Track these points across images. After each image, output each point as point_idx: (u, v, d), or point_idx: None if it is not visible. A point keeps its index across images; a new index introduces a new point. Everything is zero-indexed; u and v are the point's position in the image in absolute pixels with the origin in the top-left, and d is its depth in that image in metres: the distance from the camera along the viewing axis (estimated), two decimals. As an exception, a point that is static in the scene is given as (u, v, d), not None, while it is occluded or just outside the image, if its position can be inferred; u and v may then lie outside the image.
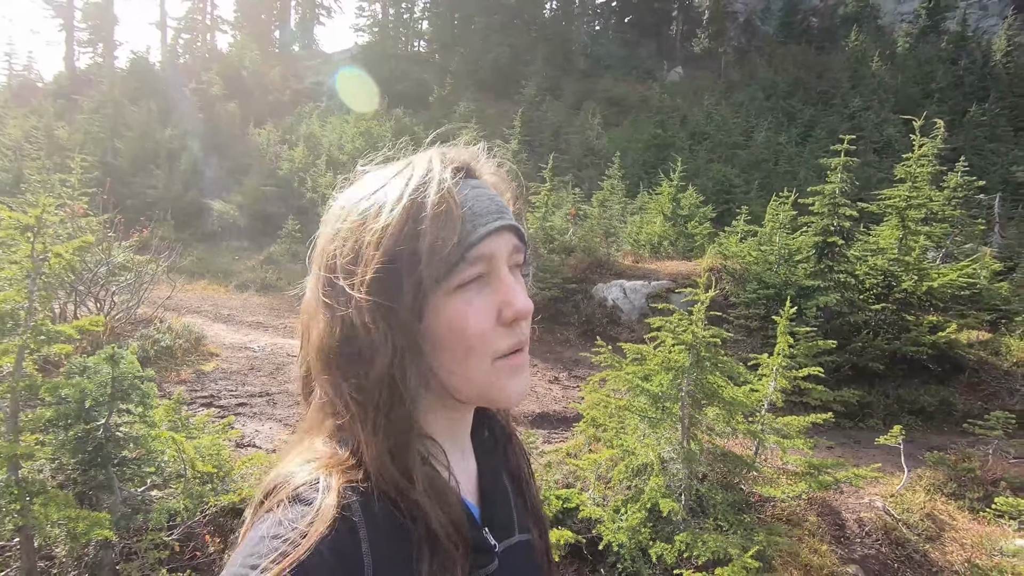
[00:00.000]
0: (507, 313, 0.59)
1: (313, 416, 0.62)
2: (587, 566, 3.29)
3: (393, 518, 0.56)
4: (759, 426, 3.91)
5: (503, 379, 0.61)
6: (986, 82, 24.20)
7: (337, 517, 0.51)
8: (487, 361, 0.59)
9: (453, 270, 0.56)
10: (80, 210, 6.15)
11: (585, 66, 31.30)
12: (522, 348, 0.62)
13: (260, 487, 0.58)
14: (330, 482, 0.54)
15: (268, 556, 0.48)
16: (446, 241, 0.55)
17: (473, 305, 0.58)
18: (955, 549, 3.73)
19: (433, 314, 0.57)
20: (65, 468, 2.44)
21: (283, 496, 0.54)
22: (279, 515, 0.52)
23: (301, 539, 0.49)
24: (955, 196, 9.08)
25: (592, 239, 10.24)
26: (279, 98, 24.15)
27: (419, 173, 0.58)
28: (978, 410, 5.72)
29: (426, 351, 0.58)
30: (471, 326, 0.57)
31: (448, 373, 0.59)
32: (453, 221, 0.56)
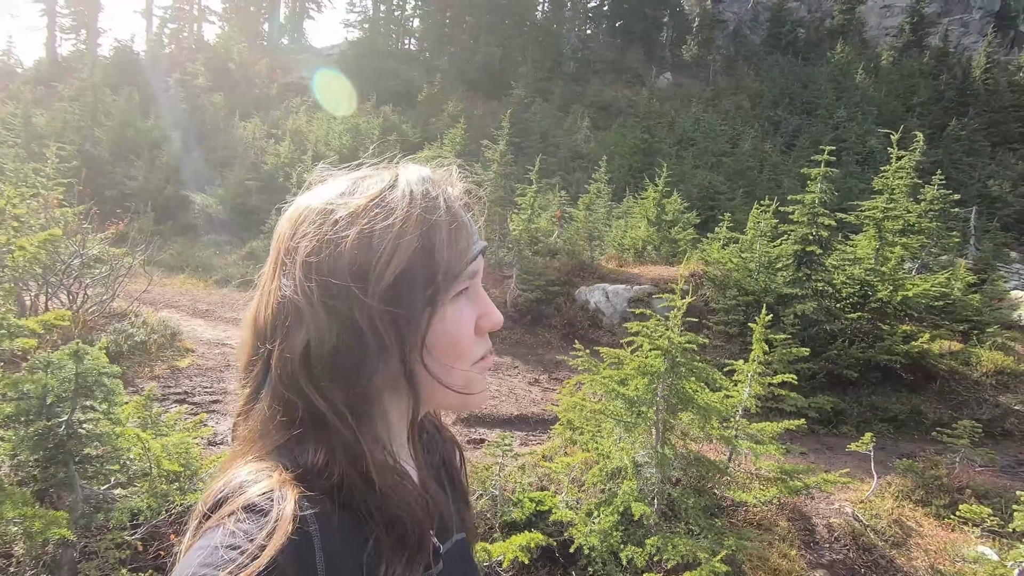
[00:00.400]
0: (484, 324, 0.64)
1: (259, 425, 0.60)
2: (558, 569, 3.29)
3: (349, 528, 0.56)
4: (733, 431, 3.95)
5: (479, 384, 0.65)
6: (965, 97, 24.78)
7: (294, 531, 0.51)
8: (468, 366, 0.63)
9: (457, 281, 0.61)
10: (54, 201, 6.02)
11: (575, 69, 31.39)
12: (491, 355, 0.67)
13: (204, 497, 0.57)
14: (285, 492, 0.53)
15: (225, 567, 0.47)
16: (459, 254, 0.60)
17: (464, 315, 0.62)
18: (920, 555, 3.80)
19: (437, 322, 0.60)
20: (25, 465, 2.38)
21: (236, 507, 0.53)
22: (232, 526, 0.51)
23: (260, 551, 0.48)
24: (932, 208, 9.25)
25: (577, 242, 10.28)
26: (266, 92, 23.88)
27: (418, 188, 0.60)
28: (948, 418, 5.85)
29: (425, 358, 0.60)
30: (462, 333, 0.62)
31: (440, 380, 0.61)
32: (464, 235, 0.61)
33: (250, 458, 0.59)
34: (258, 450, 0.59)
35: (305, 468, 0.56)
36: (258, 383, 0.61)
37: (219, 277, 11.25)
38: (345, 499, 0.57)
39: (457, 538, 0.73)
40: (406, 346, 0.58)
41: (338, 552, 0.54)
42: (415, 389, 0.60)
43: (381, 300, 0.56)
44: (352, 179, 0.62)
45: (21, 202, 4.17)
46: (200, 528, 0.54)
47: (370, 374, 0.57)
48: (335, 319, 0.56)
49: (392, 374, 0.59)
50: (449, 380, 0.62)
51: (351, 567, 0.55)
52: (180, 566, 0.50)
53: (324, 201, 0.60)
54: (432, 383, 0.61)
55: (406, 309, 0.57)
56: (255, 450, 0.59)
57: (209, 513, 0.55)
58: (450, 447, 0.82)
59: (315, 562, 0.52)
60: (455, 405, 0.67)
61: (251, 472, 0.56)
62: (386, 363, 0.58)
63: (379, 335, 0.56)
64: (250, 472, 0.56)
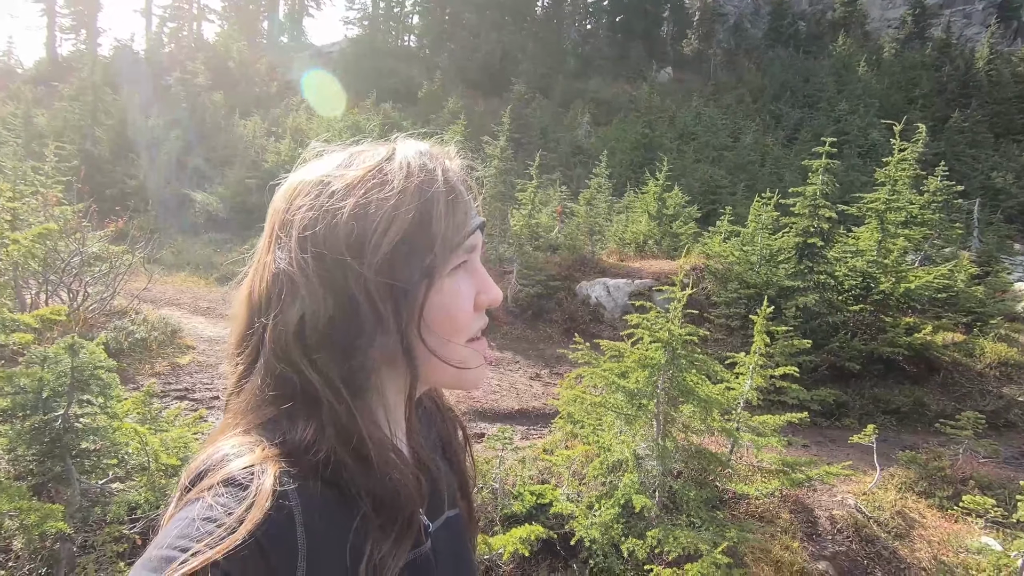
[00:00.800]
0: (482, 299, 0.63)
1: (250, 400, 0.59)
2: (559, 562, 3.28)
3: (334, 505, 0.55)
4: (735, 424, 3.93)
5: (474, 361, 0.64)
6: (968, 89, 24.64)
7: (274, 505, 0.50)
8: (463, 342, 0.62)
9: (455, 253, 0.60)
10: (54, 199, 6.01)
11: (575, 65, 31.30)
12: (485, 335, 0.66)
13: (187, 471, 0.56)
14: (265, 467, 0.53)
15: (201, 540, 0.47)
16: (459, 227, 0.59)
17: (461, 290, 0.61)
18: (923, 546, 3.78)
19: (435, 294, 0.59)
20: (22, 459, 2.37)
21: (216, 480, 0.52)
22: (211, 499, 0.50)
23: (237, 524, 0.48)
24: (935, 200, 9.20)
25: (577, 237, 10.25)
26: (266, 90, 23.87)
27: (415, 161, 0.59)
28: (951, 410, 5.82)
29: (423, 330, 0.59)
30: (460, 307, 0.61)
31: (436, 353, 0.60)
32: (463, 208, 0.60)
33: (235, 432, 0.58)
34: (245, 424, 0.58)
35: (291, 444, 0.55)
36: (251, 358, 0.60)
37: (220, 275, 11.25)
38: (332, 476, 0.55)
39: (449, 515, 0.72)
40: (403, 319, 0.57)
41: (321, 529, 0.53)
42: (413, 363, 0.59)
43: (377, 272, 0.55)
44: (349, 153, 0.62)
45: (19, 199, 4.18)
46: (181, 501, 0.53)
47: (366, 347, 0.56)
48: (331, 291, 0.55)
49: (389, 348, 0.58)
50: (446, 354, 0.60)
51: (335, 545, 0.54)
52: (158, 537, 0.49)
53: (320, 174, 0.59)
54: (429, 358, 0.60)
55: (403, 281, 0.56)
56: (242, 424, 0.58)
57: (190, 486, 0.54)
58: (451, 425, 0.81)
59: (295, 538, 0.51)
60: (451, 382, 0.66)
61: (234, 446, 0.55)
62: (383, 336, 0.57)
63: (375, 307, 0.56)
64: (233, 446, 0.55)
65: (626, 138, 19.82)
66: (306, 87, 21.07)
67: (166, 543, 0.48)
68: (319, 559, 0.52)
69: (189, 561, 0.45)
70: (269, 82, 24.50)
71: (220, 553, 0.46)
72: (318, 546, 0.52)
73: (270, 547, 0.49)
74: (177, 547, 0.47)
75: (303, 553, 0.51)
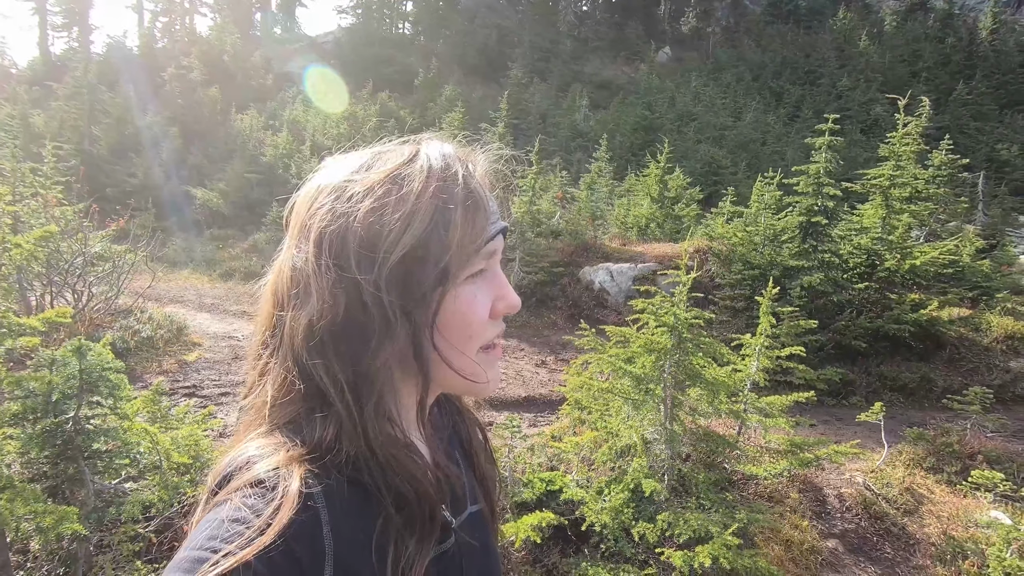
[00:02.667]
0: (500, 306, 0.62)
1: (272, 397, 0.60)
2: (571, 547, 3.31)
3: (358, 505, 0.56)
4: (742, 406, 3.93)
5: (487, 368, 0.63)
6: (972, 60, 24.27)
7: (301, 506, 0.51)
8: (475, 349, 0.62)
9: (472, 260, 0.59)
10: (54, 200, 6.01)
11: (572, 48, 30.94)
12: (500, 341, 0.65)
13: (213, 473, 0.57)
14: (291, 469, 0.53)
15: (232, 540, 0.47)
16: (474, 233, 0.58)
17: (478, 298, 0.60)
18: (932, 522, 3.79)
19: (449, 301, 0.58)
20: (35, 462, 2.39)
21: (243, 482, 0.53)
22: (239, 501, 0.51)
23: (267, 526, 0.48)
24: (939, 175, 9.11)
25: (579, 222, 10.20)
26: (262, 82, 23.69)
27: (437, 163, 0.59)
28: (958, 386, 5.81)
29: (435, 337, 0.59)
30: (475, 315, 0.60)
31: (448, 361, 0.60)
32: (482, 215, 0.59)
33: (258, 433, 0.59)
34: (268, 424, 0.59)
35: (313, 444, 0.56)
36: (272, 355, 0.61)
37: (223, 271, 11.28)
38: (354, 476, 0.56)
39: (471, 510, 0.72)
40: (415, 326, 0.57)
41: (346, 529, 0.54)
42: (425, 368, 0.59)
43: (389, 276, 0.55)
44: (372, 153, 0.62)
45: (19, 201, 4.16)
46: (209, 503, 0.54)
47: (375, 350, 0.56)
48: (343, 293, 0.56)
49: (402, 351, 0.58)
50: (458, 363, 0.60)
51: (360, 545, 0.55)
52: (188, 540, 0.50)
53: (342, 176, 0.60)
54: (441, 365, 0.60)
55: (415, 287, 0.56)
56: (264, 425, 0.59)
57: (217, 489, 0.55)
58: (470, 425, 0.82)
59: (322, 540, 0.52)
60: (462, 389, 0.66)
61: (258, 447, 0.56)
62: (392, 340, 0.57)
63: (384, 312, 0.55)
64: (257, 447, 0.56)
65: (626, 121, 19.65)
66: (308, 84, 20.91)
67: (197, 544, 0.48)
68: (345, 560, 0.53)
69: (221, 562, 0.46)
70: (264, 75, 24.30)
71: (251, 554, 0.46)
72: (344, 547, 0.53)
73: (299, 549, 0.50)
74: (208, 548, 0.47)
75: (330, 556, 0.52)
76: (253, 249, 12.36)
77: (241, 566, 0.46)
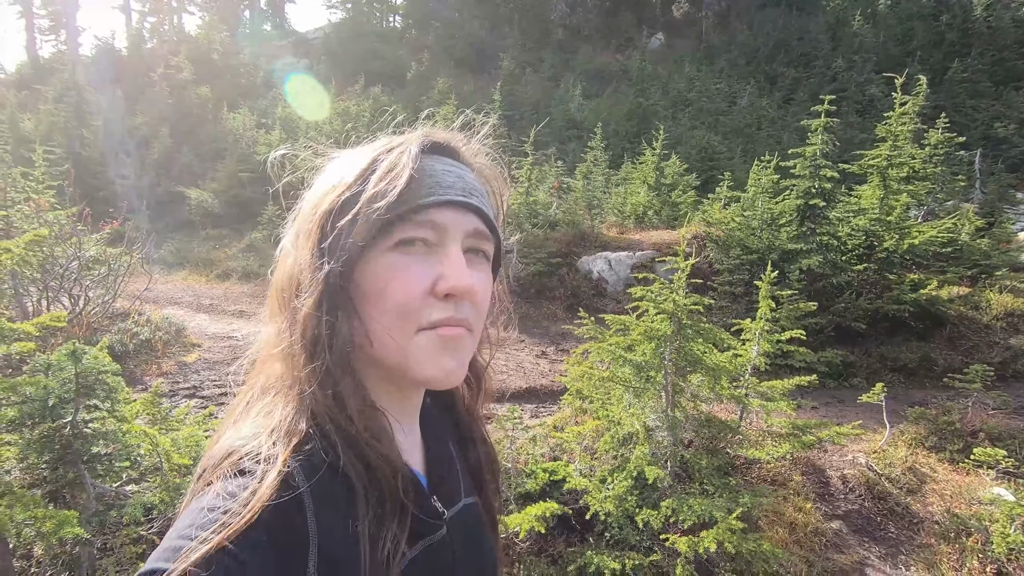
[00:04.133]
0: (441, 285, 0.58)
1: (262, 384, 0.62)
2: (575, 536, 3.31)
3: (339, 486, 0.55)
4: (743, 391, 3.93)
5: (425, 352, 0.58)
6: (967, 38, 24.10)
7: (280, 486, 0.50)
8: (411, 329, 0.58)
9: (394, 226, 0.56)
10: (45, 204, 5.96)
11: (563, 37, 30.72)
12: (455, 324, 0.59)
13: (202, 460, 0.57)
14: (274, 452, 0.53)
15: (208, 528, 0.47)
16: (386, 194, 0.56)
17: (409, 269, 0.57)
18: (936, 500, 3.80)
19: (365, 267, 0.57)
20: (34, 467, 2.38)
21: (225, 469, 0.53)
22: (218, 488, 0.51)
23: (242, 510, 0.48)
24: (936, 153, 9.06)
25: (576, 212, 10.17)
26: (252, 80, 23.50)
27: (391, 143, 0.61)
28: (959, 364, 5.81)
29: (356, 303, 0.58)
30: (397, 287, 0.57)
31: (375, 333, 0.58)
32: (399, 178, 0.57)
33: (243, 421, 0.59)
34: (253, 413, 0.60)
35: (294, 429, 0.56)
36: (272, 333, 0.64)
37: (220, 271, 11.23)
38: (334, 458, 0.56)
39: (465, 502, 0.72)
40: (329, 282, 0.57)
41: (330, 514, 0.53)
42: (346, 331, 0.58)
43: (314, 230, 0.58)
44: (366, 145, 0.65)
45: (11, 206, 4.11)
46: (194, 492, 0.54)
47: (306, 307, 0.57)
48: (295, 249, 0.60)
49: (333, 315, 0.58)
50: (377, 334, 0.58)
51: (343, 528, 0.54)
52: (171, 531, 0.50)
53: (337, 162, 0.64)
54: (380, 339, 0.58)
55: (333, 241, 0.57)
56: (249, 413, 0.60)
57: (203, 474, 0.55)
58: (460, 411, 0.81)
59: (306, 523, 0.51)
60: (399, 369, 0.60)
61: (242, 436, 0.56)
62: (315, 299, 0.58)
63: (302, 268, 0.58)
64: (241, 436, 0.56)
65: (619, 109, 19.56)
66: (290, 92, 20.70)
67: (176, 533, 0.48)
68: (330, 546, 0.52)
69: (197, 548, 0.45)
70: (255, 72, 24.11)
71: (225, 538, 0.46)
72: (328, 532, 0.52)
73: (280, 532, 0.49)
74: (186, 536, 0.47)
75: (314, 541, 0.51)
76: (249, 248, 12.30)
77: (216, 552, 0.45)
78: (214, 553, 0.45)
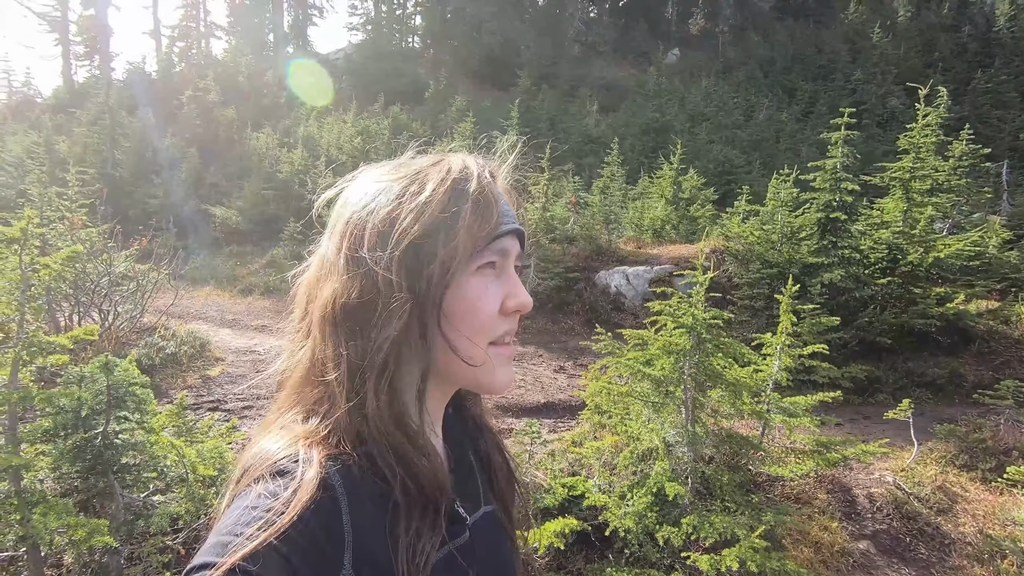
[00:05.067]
0: (510, 303, 0.65)
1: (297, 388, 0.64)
2: (595, 552, 3.28)
3: (374, 487, 0.58)
4: (764, 406, 3.87)
5: (496, 365, 0.65)
6: (990, 48, 23.77)
7: (319, 487, 0.53)
8: (486, 343, 0.64)
9: (480, 253, 0.62)
10: (79, 222, 6.18)
11: (579, 52, 31.03)
12: (512, 341, 0.68)
13: (239, 463, 0.60)
14: (310, 454, 0.56)
15: (252, 524, 0.49)
16: (482, 225, 0.62)
17: (488, 290, 0.64)
18: (968, 520, 3.69)
19: (456, 288, 0.61)
20: (67, 477, 2.45)
21: (263, 470, 0.55)
22: (260, 488, 0.53)
23: (284, 509, 0.50)
24: (961, 165, 8.91)
25: (593, 227, 10.18)
26: (275, 101, 24.11)
27: (457, 167, 0.64)
28: (989, 380, 5.65)
29: (442, 322, 0.62)
30: (482, 307, 0.63)
31: (454, 348, 0.62)
32: (493, 211, 0.63)
33: (281, 422, 0.62)
34: (290, 414, 0.63)
35: (332, 430, 0.59)
36: (300, 344, 0.66)
37: (243, 287, 11.46)
38: (369, 463, 0.58)
39: (485, 510, 0.74)
40: (420, 305, 0.60)
41: (366, 516, 0.56)
42: (428, 350, 0.62)
43: (401, 257, 0.59)
44: (403, 161, 0.68)
45: (47, 224, 4.29)
46: (234, 492, 0.57)
47: (388, 331, 0.59)
48: (359, 275, 0.60)
49: (408, 331, 0.61)
50: (464, 351, 0.63)
51: (377, 531, 0.56)
52: (215, 527, 0.52)
53: (372, 178, 0.66)
54: (447, 351, 0.62)
55: (423, 269, 0.60)
56: (287, 415, 0.63)
57: (242, 476, 0.58)
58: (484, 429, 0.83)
59: (342, 524, 0.54)
60: (469, 381, 0.67)
61: (280, 436, 0.60)
62: (399, 318, 0.59)
63: (391, 291, 0.59)
64: (279, 436, 0.60)
65: (636, 123, 19.61)
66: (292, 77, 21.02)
67: (222, 530, 0.51)
68: (365, 547, 0.54)
69: (244, 544, 0.48)
70: (278, 93, 24.74)
71: (273, 534, 0.48)
72: (363, 533, 0.55)
73: (319, 531, 0.51)
74: (233, 532, 0.49)
75: (349, 542, 0.54)
76: (271, 264, 12.53)
77: (263, 548, 0.48)
78: (261, 549, 0.48)
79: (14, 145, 16.84)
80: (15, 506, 2.04)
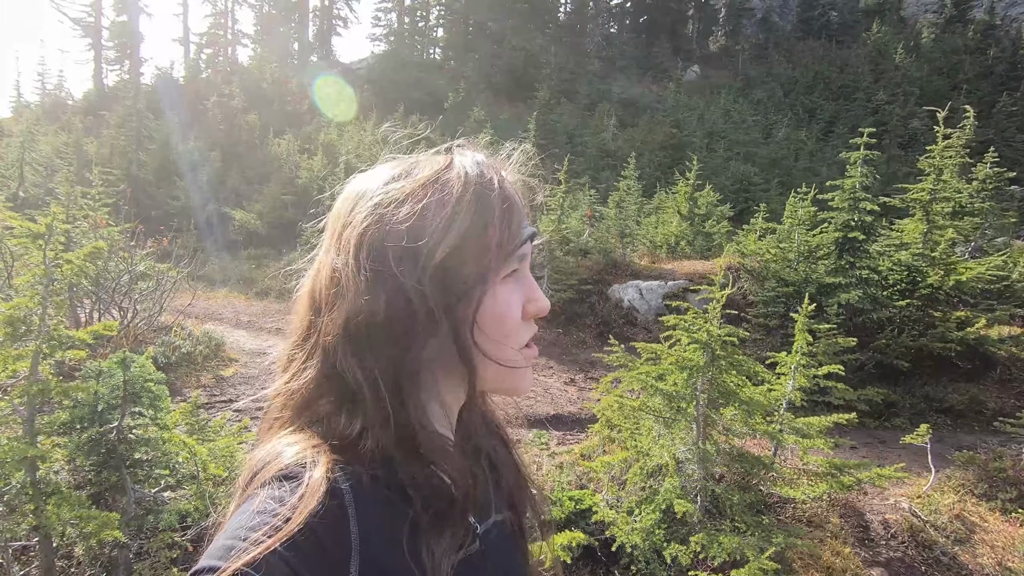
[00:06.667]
0: (530, 308, 0.65)
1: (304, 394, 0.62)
2: (600, 568, 3.24)
3: (382, 495, 0.57)
4: (777, 426, 3.82)
5: (523, 368, 0.66)
6: (1017, 70, 23.47)
7: (326, 494, 0.52)
8: (516, 348, 0.64)
9: (508, 261, 0.62)
10: (102, 221, 6.32)
11: (599, 68, 31.20)
12: (534, 343, 0.68)
13: (245, 468, 0.59)
14: (318, 459, 0.55)
15: (259, 529, 0.49)
16: (511, 238, 0.61)
17: (514, 295, 0.63)
18: (986, 551, 3.58)
19: (489, 299, 0.60)
20: (81, 469, 2.49)
21: (270, 475, 0.55)
22: (267, 493, 0.53)
23: (292, 513, 0.50)
24: (984, 188, 8.77)
25: (608, 240, 10.17)
26: (297, 108, 24.54)
27: (473, 171, 0.62)
28: (1010, 408, 5.52)
29: (475, 332, 0.61)
30: (511, 313, 0.62)
31: (490, 355, 0.61)
32: (518, 217, 0.63)
33: (289, 429, 0.61)
34: (299, 420, 0.61)
35: (341, 438, 0.58)
36: (308, 354, 0.62)
37: (259, 289, 11.60)
38: (384, 471, 0.57)
39: (495, 519, 0.73)
40: (456, 320, 0.59)
41: (374, 524, 0.55)
42: (470, 364, 0.60)
43: (433, 274, 0.58)
44: (409, 162, 0.65)
45: (72, 222, 4.40)
46: (241, 496, 0.56)
47: (417, 347, 0.58)
48: (383, 292, 0.57)
49: (443, 349, 0.60)
50: (501, 355, 0.62)
51: (387, 541, 0.55)
52: (222, 531, 0.52)
53: (381, 181, 0.62)
54: (483, 359, 0.61)
55: (457, 284, 0.58)
56: (296, 420, 0.61)
57: (249, 481, 0.57)
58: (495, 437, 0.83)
59: (349, 531, 0.53)
60: (502, 385, 0.66)
61: (287, 443, 0.58)
62: (435, 336, 0.59)
63: (428, 308, 0.57)
64: (287, 443, 0.58)
65: (654, 139, 19.61)
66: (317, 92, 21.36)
67: (229, 534, 0.50)
68: (372, 555, 0.53)
69: (249, 549, 0.47)
70: (301, 100, 25.19)
71: (278, 540, 0.48)
72: (371, 542, 0.54)
73: (325, 537, 0.51)
74: (239, 536, 0.49)
75: (356, 550, 0.53)
76: (287, 267, 12.67)
77: (267, 554, 0.47)
78: (265, 555, 0.47)
79: (45, 145, 17.32)
80: (30, 496, 2.08)
